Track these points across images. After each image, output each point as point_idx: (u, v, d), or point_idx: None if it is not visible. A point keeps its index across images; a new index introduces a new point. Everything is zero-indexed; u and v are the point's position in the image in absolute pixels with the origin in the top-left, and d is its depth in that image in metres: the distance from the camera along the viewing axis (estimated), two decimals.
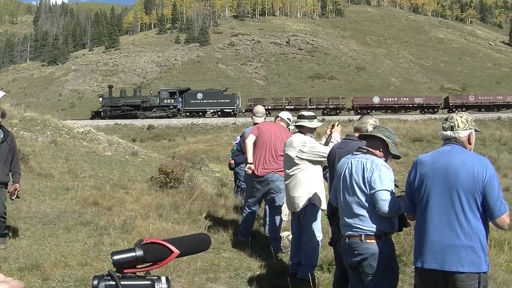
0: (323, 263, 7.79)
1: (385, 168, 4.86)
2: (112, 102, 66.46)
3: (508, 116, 59.12)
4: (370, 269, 4.85)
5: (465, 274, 4.17)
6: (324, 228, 7.95)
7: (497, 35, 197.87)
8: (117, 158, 18.58)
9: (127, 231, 8.78)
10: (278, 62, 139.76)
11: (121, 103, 65.89)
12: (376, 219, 4.80)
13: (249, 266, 7.87)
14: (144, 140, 47.88)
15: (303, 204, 7.31)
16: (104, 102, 66.50)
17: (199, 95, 66.67)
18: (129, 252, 1.98)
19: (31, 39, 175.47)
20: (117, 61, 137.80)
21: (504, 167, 32.91)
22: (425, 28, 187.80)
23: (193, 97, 66.63)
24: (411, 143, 41.18)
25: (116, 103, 66.05)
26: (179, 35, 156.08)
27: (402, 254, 8.02)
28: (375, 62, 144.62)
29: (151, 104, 65.93)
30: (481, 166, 4.23)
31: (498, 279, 7.60)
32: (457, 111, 4.90)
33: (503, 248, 10.27)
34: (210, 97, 66.27)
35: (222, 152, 36.33)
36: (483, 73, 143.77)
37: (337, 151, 6.06)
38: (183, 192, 12.34)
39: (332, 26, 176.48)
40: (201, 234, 2.26)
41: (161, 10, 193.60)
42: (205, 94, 67.13)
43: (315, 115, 7.99)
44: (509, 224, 4.45)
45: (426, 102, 72.38)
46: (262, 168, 8.88)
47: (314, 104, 71.45)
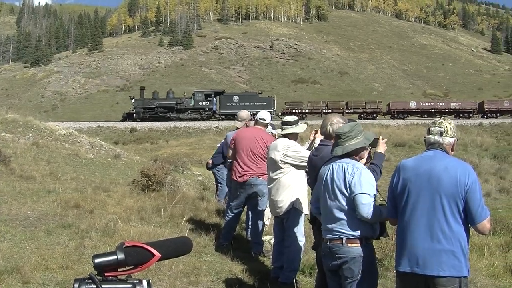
0: (305, 267, 7.80)
1: (366, 172, 4.88)
2: (145, 103, 65.64)
3: (490, 122, 59.55)
4: (349, 272, 4.86)
5: (446, 278, 4.20)
6: (306, 232, 7.95)
7: (479, 42, 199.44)
8: (99, 161, 18.47)
9: (108, 234, 8.73)
10: (261, 66, 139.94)
11: (154, 105, 65.09)
12: (357, 224, 4.81)
13: (231, 270, 7.86)
14: (126, 143, 47.63)
15: (286, 208, 7.32)
16: (136, 103, 65.65)
17: (235, 98, 66.03)
18: (110, 255, 1.97)
19: (14, 40, 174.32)
20: (100, 63, 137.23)
21: (485, 172, 33.11)
22: (408, 34, 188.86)
23: (229, 99, 65.93)
24: (394, 148, 41.25)
25: (149, 105, 65.26)
26: (163, 38, 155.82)
27: (384, 258, 8.05)
28: (358, 67, 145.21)
29: (186, 106, 65.22)
30: (463, 172, 4.26)
31: (478, 283, 7.65)
32: (444, 117, 4.92)
33: (483, 253, 10.33)
34: (247, 100, 65.25)
35: (204, 156, 36.16)
36: (465, 79, 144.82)
37: (312, 158, 6.06)
38: (165, 195, 12.30)
39: (315, 31, 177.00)
40: (183, 237, 2.26)
41: (145, 12, 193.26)
42: (241, 97, 66.53)
43: (298, 118, 7.98)
44: (490, 229, 4.48)
45: (461, 107, 71.80)
46: (239, 173, 8.92)
47: (352, 108, 71.31)
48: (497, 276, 8.94)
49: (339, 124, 5.69)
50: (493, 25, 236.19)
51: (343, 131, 5.03)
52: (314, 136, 7.21)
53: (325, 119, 6.00)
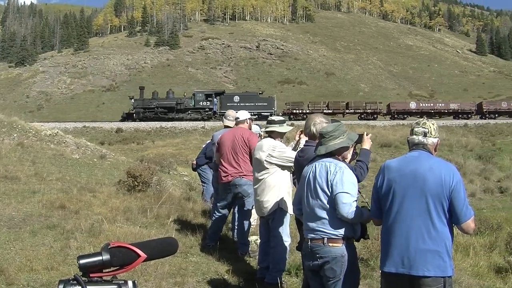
0: (291, 268, 7.80)
1: (349, 172, 4.89)
2: (145, 103, 65.16)
3: (475, 123, 59.89)
4: (331, 273, 4.85)
5: (430, 278, 4.22)
6: (292, 233, 7.95)
7: (465, 43, 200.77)
8: (84, 161, 18.38)
9: (94, 235, 8.69)
10: (247, 67, 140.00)
11: (154, 105, 64.64)
12: (339, 223, 4.81)
13: (217, 270, 7.86)
14: (112, 143, 47.47)
15: (272, 209, 7.32)
16: (136, 103, 65.13)
17: (235, 98, 65.69)
18: (95, 256, 1.97)
19: None
20: (86, 63, 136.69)
21: (470, 173, 33.31)
22: (394, 35, 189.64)
23: (229, 99, 65.35)
24: (379, 149, 41.43)
25: (148, 105, 64.79)
26: (149, 38, 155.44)
27: (370, 258, 8.08)
28: (345, 68, 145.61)
29: (186, 106, 64.83)
30: (448, 172, 4.29)
31: (463, 283, 7.69)
32: (427, 118, 4.95)
33: (468, 253, 10.39)
34: (247, 100, 65.15)
35: (190, 156, 36.12)
36: (450, 80, 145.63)
37: (299, 159, 6.07)
38: (151, 196, 12.27)
39: (302, 32, 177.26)
40: (169, 238, 2.26)
41: (131, 12, 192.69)
42: (242, 97, 66.27)
43: (285, 119, 8.01)
44: (474, 229, 4.51)
45: (461, 108, 72.25)
46: (224, 173, 8.97)
47: (352, 109, 71.65)
48: (481, 275, 8.99)
49: (323, 124, 5.71)
50: (478, 27, 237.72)
51: (326, 130, 5.05)
52: (299, 137, 7.23)
53: (308, 119, 6.00)
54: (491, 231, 13.27)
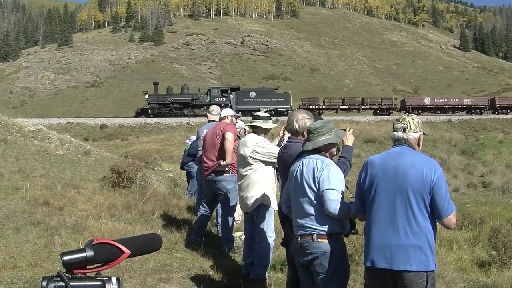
0: (276, 263, 7.83)
1: (335, 168, 4.91)
2: (159, 99, 64.46)
3: (458, 119, 60.20)
4: (321, 268, 4.88)
5: (413, 272, 4.25)
6: (276, 228, 7.97)
7: (448, 39, 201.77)
8: (69, 157, 18.30)
9: (78, 231, 8.66)
10: (232, 62, 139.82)
11: (169, 101, 64.02)
12: (327, 219, 4.83)
13: (202, 266, 7.86)
14: (96, 139, 47.29)
15: (256, 204, 7.34)
16: (150, 99, 64.46)
17: (252, 94, 65.26)
18: (79, 253, 1.96)
19: None
20: (70, 59, 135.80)
21: (454, 168, 33.53)
22: (379, 31, 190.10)
23: (245, 95, 65.10)
24: (364, 144, 41.54)
25: (163, 101, 64.13)
26: (133, 33, 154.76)
27: (354, 253, 8.11)
28: (329, 64, 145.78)
29: (201, 102, 63.98)
30: (429, 168, 4.32)
31: (447, 277, 7.74)
32: (408, 113, 4.98)
33: (452, 247, 10.46)
34: (263, 96, 64.88)
35: (175, 152, 36.12)
36: (434, 76, 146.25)
37: (282, 156, 6.08)
38: (136, 192, 12.25)
39: (286, 27, 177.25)
40: (152, 234, 2.26)
41: (115, 8, 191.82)
42: (258, 93, 65.84)
43: (270, 116, 8.04)
44: (456, 223, 4.55)
45: (474, 103, 72.46)
46: (205, 167, 9.03)
47: (368, 104, 71.66)
48: (465, 270, 9.06)
49: (305, 120, 5.72)
50: (461, 23, 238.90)
51: (315, 126, 5.06)
52: (283, 133, 7.25)
53: (290, 116, 6.00)
54: (474, 226, 13.36)
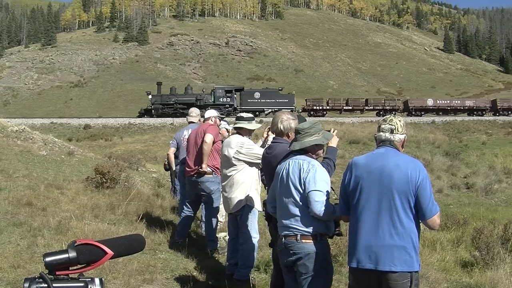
0: (260, 264, 7.83)
1: (321, 169, 4.92)
2: (163, 99, 63.67)
3: (442, 120, 60.49)
4: (304, 268, 4.89)
5: (397, 273, 4.26)
6: (261, 229, 7.98)
7: (432, 41, 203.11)
8: (52, 158, 18.19)
9: (61, 232, 8.62)
10: (217, 63, 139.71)
11: (173, 101, 63.27)
12: (312, 220, 4.84)
13: (186, 267, 7.85)
14: (80, 140, 47.04)
15: (240, 205, 7.35)
16: (154, 99, 63.66)
17: (256, 94, 65.00)
18: (61, 254, 1.95)
19: None
20: (54, 59, 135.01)
21: (438, 169, 33.69)
22: (363, 32, 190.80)
23: (250, 96, 64.76)
24: (348, 145, 41.67)
25: (167, 101, 63.29)
26: (118, 33, 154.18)
27: (338, 254, 8.13)
28: (313, 65, 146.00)
29: (205, 102, 62.43)
30: (414, 169, 4.33)
31: (430, 278, 7.78)
32: (394, 114, 4.99)
33: (435, 248, 10.52)
34: (268, 97, 64.65)
35: (159, 153, 36.05)
36: (418, 77, 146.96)
37: (266, 156, 6.08)
38: (120, 193, 12.21)
39: (271, 28, 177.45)
40: (135, 235, 2.25)
41: (99, 8, 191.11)
42: (262, 93, 65.56)
43: (253, 116, 8.04)
44: (440, 224, 4.57)
45: (476, 105, 72.81)
46: (188, 168, 9.03)
47: (372, 105, 71.71)
48: (448, 270, 9.12)
49: (289, 121, 5.74)
50: (445, 25, 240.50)
51: (302, 127, 5.07)
52: (267, 134, 7.25)
53: (275, 117, 6.00)
54: (458, 227, 13.45)
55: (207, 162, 8.70)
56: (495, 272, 8.68)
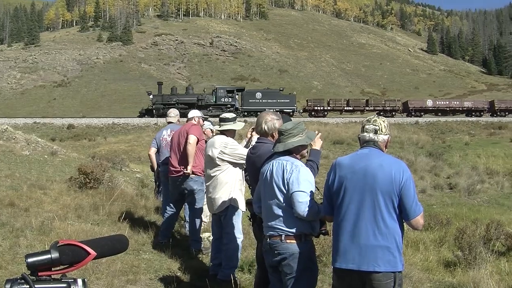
0: (243, 264, 7.84)
1: (304, 170, 4.92)
2: (164, 99, 62.82)
3: (425, 121, 60.76)
4: (288, 269, 4.90)
5: (381, 273, 4.28)
6: (245, 229, 7.99)
7: (416, 42, 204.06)
8: (35, 158, 18.10)
9: (44, 233, 8.58)
10: (201, 63, 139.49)
11: (174, 101, 61.92)
12: (296, 221, 4.85)
13: (170, 267, 7.84)
14: (63, 140, 46.76)
15: (224, 206, 7.35)
16: (155, 99, 63.01)
17: (258, 94, 64.63)
18: (44, 254, 1.94)
19: None
20: (37, 58, 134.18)
21: (421, 169, 33.84)
22: (347, 33, 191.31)
23: (251, 96, 64.40)
24: (332, 146, 41.73)
25: (168, 101, 62.07)
26: (102, 33, 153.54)
27: (322, 254, 8.15)
28: (298, 65, 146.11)
29: (207, 102, 62.87)
30: (398, 169, 4.35)
31: (413, 277, 7.82)
32: (377, 115, 4.99)
33: (418, 248, 10.58)
34: (269, 97, 64.42)
35: (143, 153, 35.91)
36: (402, 78, 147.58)
37: (250, 156, 6.08)
38: (103, 193, 12.17)
39: (256, 29, 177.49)
40: (119, 235, 2.25)
41: (83, 7, 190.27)
42: (264, 94, 65.28)
43: (236, 116, 8.04)
44: (423, 224, 4.59)
45: (474, 106, 73.41)
46: (172, 168, 9.01)
47: (372, 106, 71.67)
48: (431, 270, 9.18)
49: (274, 121, 5.74)
50: (429, 26, 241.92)
51: (285, 128, 5.08)
52: (251, 134, 7.26)
53: (259, 117, 5.99)
54: (441, 227, 13.54)
55: (191, 167, 8.71)
56: (477, 271, 8.74)
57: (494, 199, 28.02)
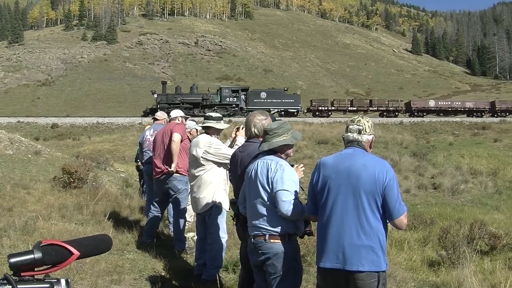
0: (228, 264, 7.83)
1: (289, 169, 4.93)
2: (169, 99, 62.53)
3: (410, 121, 61.05)
4: (272, 268, 4.91)
5: (365, 273, 4.28)
6: (229, 229, 7.98)
7: (401, 43, 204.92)
8: (18, 157, 18.00)
9: (28, 233, 8.53)
10: (186, 63, 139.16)
11: (179, 100, 62.12)
12: (280, 220, 4.86)
13: (154, 267, 7.82)
14: (47, 139, 46.54)
15: (208, 206, 7.35)
16: (159, 99, 62.45)
17: (262, 94, 64.75)
18: (27, 255, 1.93)
19: None
20: (21, 57, 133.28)
21: (405, 169, 33.97)
22: (332, 33, 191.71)
23: (256, 96, 64.42)
24: (316, 145, 41.82)
25: (173, 100, 62.01)
26: (86, 32, 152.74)
27: (307, 254, 8.16)
28: (283, 65, 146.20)
29: (212, 102, 62.62)
30: (381, 169, 4.36)
31: (397, 277, 7.85)
32: (361, 115, 5.01)
33: (403, 247, 10.62)
34: (274, 97, 64.53)
35: (127, 152, 35.87)
36: (387, 78, 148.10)
37: (239, 154, 6.08)
38: (87, 193, 12.13)
39: (241, 28, 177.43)
40: (102, 235, 2.24)
41: (68, 5, 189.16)
42: (269, 93, 65.40)
43: (222, 116, 8.04)
44: (407, 224, 4.61)
45: (476, 106, 74.54)
46: (157, 168, 8.99)
47: (376, 106, 72.32)
48: (415, 269, 9.22)
49: (262, 122, 5.74)
50: (414, 27, 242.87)
51: (271, 127, 5.09)
52: (235, 134, 7.27)
53: (247, 121, 5.98)
54: (425, 226, 13.61)
55: (176, 165, 8.71)
56: (461, 271, 8.78)
57: (478, 199, 28.25)
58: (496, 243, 12.08)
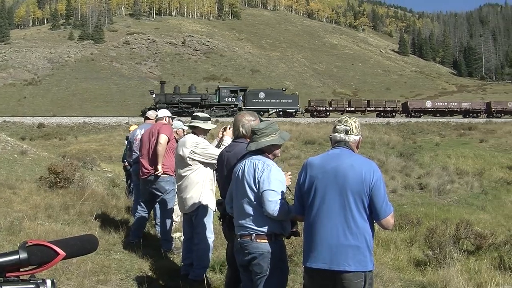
0: (215, 264, 7.83)
1: (276, 169, 4.94)
2: (167, 98, 62.17)
3: (397, 121, 61.25)
4: (258, 268, 4.91)
5: (352, 273, 4.29)
6: (216, 229, 7.98)
7: (388, 43, 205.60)
8: (4, 157, 17.90)
9: (13, 233, 8.48)
10: (173, 62, 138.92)
11: (177, 100, 61.95)
12: (266, 220, 4.86)
13: (141, 267, 7.81)
14: (34, 139, 46.29)
15: (195, 206, 7.34)
16: (157, 98, 61.97)
17: (261, 94, 64.66)
18: (12, 255, 1.92)
19: None
20: (7, 56, 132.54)
21: (392, 170, 34.06)
22: (320, 34, 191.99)
23: (255, 96, 64.34)
24: (303, 146, 41.86)
25: (171, 100, 61.74)
26: (73, 31, 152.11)
27: (293, 254, 8.16)
28: (270, 65, 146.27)
29: (210, 102, 62.48)
30: (368, 169, 4.37)
31: (384, 277, 7.87)
32: (349, 116, 5.02)
33: (389, 247, 10.65)
34: (272, 97, 64.54)
35: (114, 152, 35.75)
36: (373, 79, 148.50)
37: (225, 154, 6.08)
38: (74, 193, 12.07)
39: (228, 28, 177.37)
40: (88, 235, 2.23)
41: (54, 4, 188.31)
42: (267, 94, 65.40)
43: (209, 116, 8.04)
44: (393, 224, 4.63)
45: (472, 107, 74.98)
46: (144, 169, 9.00)
47: (373, 106, 72.53)
48: (401, 269, 9.25)
49: (250, 122, 5.74)
50: (401, 28, 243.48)
51: (258, 127, 5.10)
52: (222, 134, 7.27)
53: (235, 121, 5.99)
54: (411, 226, 13.67)
55: (162, 163, 8.70)
56: (447, 270, 8.83)
57: (464, 199, 28.39)
58: (482, 243, 12.15)
